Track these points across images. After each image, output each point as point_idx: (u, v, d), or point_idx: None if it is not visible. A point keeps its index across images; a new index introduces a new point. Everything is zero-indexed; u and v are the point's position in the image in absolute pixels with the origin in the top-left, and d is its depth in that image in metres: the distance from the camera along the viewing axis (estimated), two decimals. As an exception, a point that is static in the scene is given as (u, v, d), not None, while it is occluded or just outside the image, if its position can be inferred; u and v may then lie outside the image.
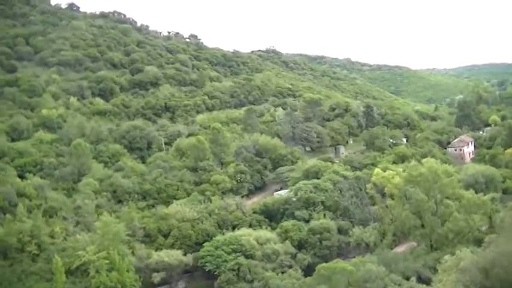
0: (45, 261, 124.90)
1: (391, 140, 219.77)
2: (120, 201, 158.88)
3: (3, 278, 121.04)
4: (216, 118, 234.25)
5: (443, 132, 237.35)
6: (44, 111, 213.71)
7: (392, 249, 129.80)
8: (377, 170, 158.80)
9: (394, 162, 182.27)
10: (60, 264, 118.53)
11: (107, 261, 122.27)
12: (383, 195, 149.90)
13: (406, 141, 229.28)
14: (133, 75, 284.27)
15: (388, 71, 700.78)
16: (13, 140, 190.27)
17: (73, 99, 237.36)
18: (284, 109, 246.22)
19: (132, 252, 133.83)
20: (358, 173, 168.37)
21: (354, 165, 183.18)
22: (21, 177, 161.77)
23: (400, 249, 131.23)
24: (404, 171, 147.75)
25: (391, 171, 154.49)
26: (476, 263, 72.89)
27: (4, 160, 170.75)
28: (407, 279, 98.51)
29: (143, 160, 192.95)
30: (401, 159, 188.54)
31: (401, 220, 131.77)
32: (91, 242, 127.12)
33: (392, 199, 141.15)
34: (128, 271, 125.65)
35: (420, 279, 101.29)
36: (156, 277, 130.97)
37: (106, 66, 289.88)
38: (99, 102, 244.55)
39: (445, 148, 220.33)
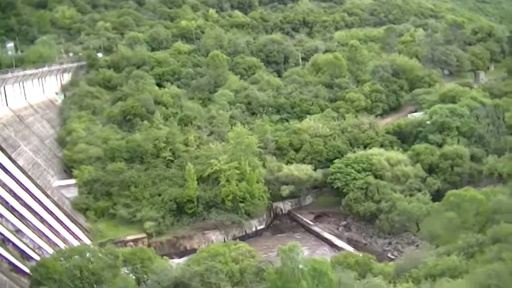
0: (178, 168, 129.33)
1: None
2: (253, 114, 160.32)
3: (139, 180, 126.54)
4: (355, 35, 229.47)
5: None
6: (183, 22, 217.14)
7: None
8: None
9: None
10: (193, 171, 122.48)
11: (238, 172, 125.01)
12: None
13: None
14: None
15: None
16: (153, 50, 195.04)
17: (212, 11, 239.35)
18: (425, 30, 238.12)
19: (263, 164, 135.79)
20: (497, 100, 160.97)
21: (493, 92, 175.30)
22: (159, 85, 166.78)
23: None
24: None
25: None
26: None
27: (144, 68, 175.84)
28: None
29: (279, 74, 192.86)
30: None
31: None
32: (223, 152, 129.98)
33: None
34: (257, 182, 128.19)
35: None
36: (285, 190, 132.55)
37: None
38: (238, 14, 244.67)
39: None
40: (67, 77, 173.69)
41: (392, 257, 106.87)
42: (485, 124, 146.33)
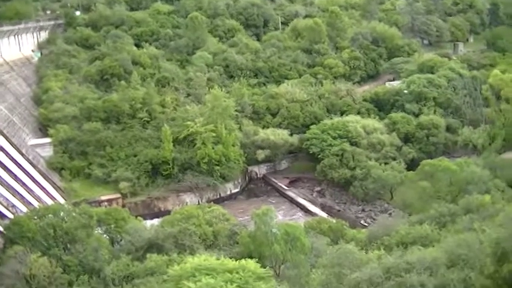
0: (154, 129, 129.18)
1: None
2: (231, 77, 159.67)
3: (115, 141, 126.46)
4: (335, 1, 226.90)
5: None
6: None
7: (500, 154, 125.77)
8: (495, 71, 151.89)
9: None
10: (169, 133, 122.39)
11: (214, 134, 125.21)
12: (498, 98, 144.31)
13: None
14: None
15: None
16: (132, 9, 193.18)
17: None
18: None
19: (239, 128, 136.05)
20: (474, 72, 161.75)
21: (471, 64, 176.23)
22: (138, 46, 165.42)
23: (509, 155, 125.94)
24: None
25: (510, 75, 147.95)
26: None
27: (122, 28, 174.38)
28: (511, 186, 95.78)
29: (258, 38, 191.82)
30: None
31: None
32: (200, 114, 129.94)
33: (508, 103, 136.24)
34: (233, 145, 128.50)
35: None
36: (261, 154, 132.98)
37: None
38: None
39: None
40: (44, 35, 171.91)
41: (365, 224, 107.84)
42: (462, 95, 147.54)
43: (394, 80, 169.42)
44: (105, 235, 77.94)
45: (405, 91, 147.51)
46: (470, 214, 63.70)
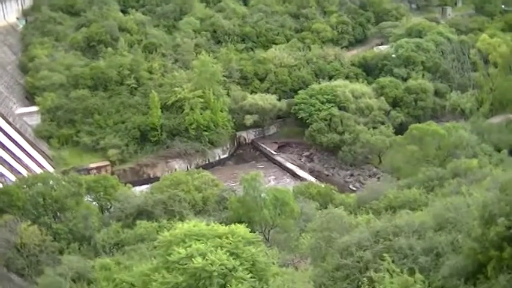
0: (142, 95, 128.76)
1: (503, 6, 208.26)
2: (219, 42, 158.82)
3: (103, 108, 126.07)
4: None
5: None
6: None
7: (487, 118, 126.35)
8: (483, 35, 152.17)
9: (502, 30, 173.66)
10: (157, 99, 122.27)
11: (202, 100, 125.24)
12: (486, 62, 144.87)
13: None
14: None
15: None
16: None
17: None
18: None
19: (228, 93, 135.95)
20: (463, 37, 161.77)
21: (459, 28, 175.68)
22: (124, 12, 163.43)
23: (496, 120, 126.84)
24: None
25: (498, 39, 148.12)
26: None
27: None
28: (499, 151, 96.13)
29: (245, 3, 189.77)
30: (511, 27, 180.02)
31: (501, 90, 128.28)
32: (188, 80, 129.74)
33: (496, 67, 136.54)
34: (221, 111, 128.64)
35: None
36: (249, 119, 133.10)
37: None
38: None
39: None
40: (28, 2, 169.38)
41: (354, 188, 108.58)
42: (450, 60, 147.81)
43: (382, 44, 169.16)
44: (94, 203, 78.18)
45: (393, 55, 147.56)
46: (458, 178, 64.07)
